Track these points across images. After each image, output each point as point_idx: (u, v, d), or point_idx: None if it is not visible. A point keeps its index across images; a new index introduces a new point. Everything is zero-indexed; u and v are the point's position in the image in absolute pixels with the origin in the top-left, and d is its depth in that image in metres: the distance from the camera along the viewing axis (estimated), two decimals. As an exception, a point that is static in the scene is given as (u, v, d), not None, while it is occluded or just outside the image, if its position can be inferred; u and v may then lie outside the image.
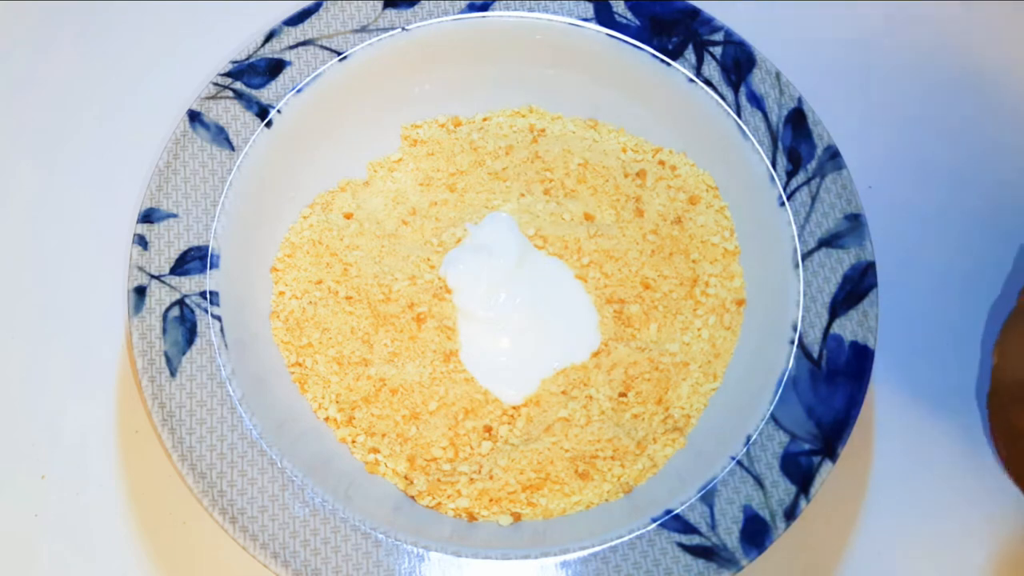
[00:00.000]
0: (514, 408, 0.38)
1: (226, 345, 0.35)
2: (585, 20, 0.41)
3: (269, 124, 0.39)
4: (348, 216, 0.41)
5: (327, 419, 0.37)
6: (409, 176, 0.42)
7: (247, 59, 0.39)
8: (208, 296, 0.36)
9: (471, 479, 0.36)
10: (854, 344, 0.35)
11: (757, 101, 0.39)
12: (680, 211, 0.41)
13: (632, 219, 0.41)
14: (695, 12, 0.41)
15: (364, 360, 0.38)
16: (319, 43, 0.40)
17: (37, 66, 0.46)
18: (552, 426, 0.37)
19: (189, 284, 0.36)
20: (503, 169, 0.42)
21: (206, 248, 0.36)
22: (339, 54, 0.40)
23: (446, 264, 0.39)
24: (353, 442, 0.37)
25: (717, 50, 0.40)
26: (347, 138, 0.41)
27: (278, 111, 0.39)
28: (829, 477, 0.33)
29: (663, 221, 0.41)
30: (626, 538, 0.32)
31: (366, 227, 0.41)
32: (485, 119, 0.43)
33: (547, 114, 0.43)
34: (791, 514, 0.32)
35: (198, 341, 0.35)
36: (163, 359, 0.34)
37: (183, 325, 0.35)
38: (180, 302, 0.35)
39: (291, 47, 0.40)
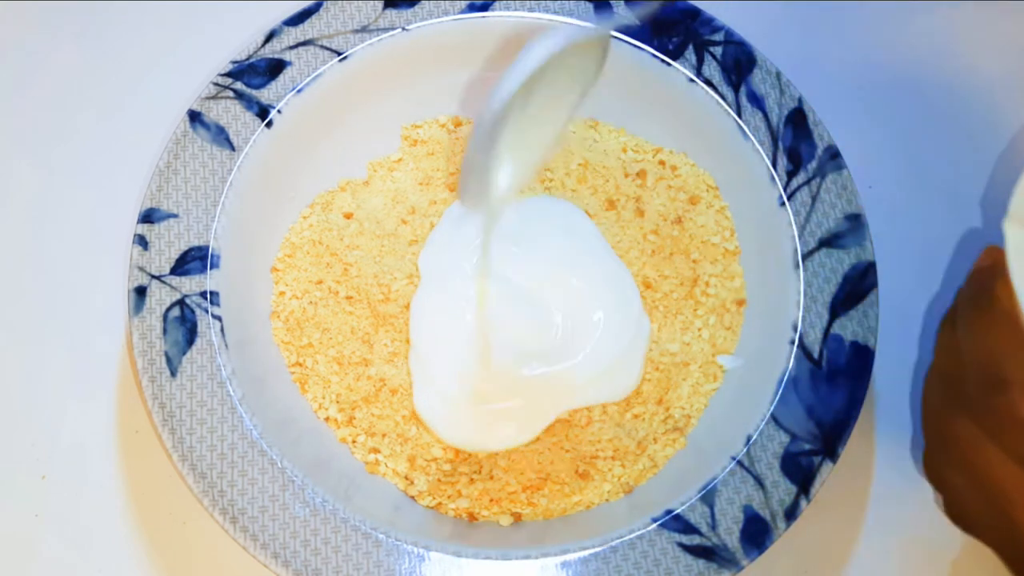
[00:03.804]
0: None
1: (226, 345, 0.35)
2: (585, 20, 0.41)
3: (269, 124, 0.39)
4: (348, 216, 0.41)
5: (327, 419, 0.37)
6: (409, 176, 0.42)
7: (247, 59, 0.39)
8: (208, 296, 0.36)
9: (471, 479, 0.36)
10: (854, 344, 0.35)
11: (757, 101, 0.39)
12: (680, 211, 0.41)
13: (632, 219, 0.41)
14: (695, 12, 0.41)
15: (364, 360, 0.38)
16: (319, 43, 0.40)
17: (37, 66, 0.46)
18: (552, 426, 0.37)
19: (189, 284, 0.36)
20: (503, 169, 0.42)
21: (206, 248, 0.36)
22: (339, 54, 0.40)
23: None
24: (353, 442, 0.37)
25: (717, 50, 0.40)
26: (347, 138, 0.41)
27: (278, 111, 0.39)
28: (829, 477, 0.33)
29: (663, 221, 0.41)
30: (626, 538, 0.32)
31: (366, 227, 0.41)
32: (485, 119, 0.43)
33: (547, 114, 0.43)
34: (791, 514, 0.32)
35: (198, 341, 0.35)
36: (163, 359, 0.34)
37: (183, 325, 0.35)
38: (180, 302, 0.35)
39: (291, 47, 0.40)
